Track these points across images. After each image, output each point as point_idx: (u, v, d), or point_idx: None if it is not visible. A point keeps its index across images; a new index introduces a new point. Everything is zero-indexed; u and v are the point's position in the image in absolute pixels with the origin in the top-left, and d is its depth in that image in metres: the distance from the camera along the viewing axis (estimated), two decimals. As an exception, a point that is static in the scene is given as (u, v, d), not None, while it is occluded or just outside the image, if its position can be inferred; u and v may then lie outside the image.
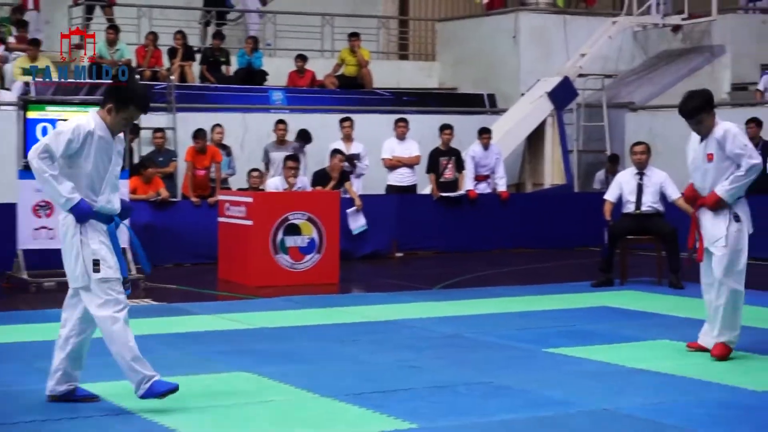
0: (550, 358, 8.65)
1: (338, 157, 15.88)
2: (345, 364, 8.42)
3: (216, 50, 19.55)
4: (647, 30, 21.53)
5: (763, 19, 21.48)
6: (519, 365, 8.36)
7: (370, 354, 8.86)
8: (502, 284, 13.41)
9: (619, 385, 7.62)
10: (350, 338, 9.63)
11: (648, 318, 10.51)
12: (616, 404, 6.96)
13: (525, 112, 19.12)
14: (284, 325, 10.29)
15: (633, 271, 13.24)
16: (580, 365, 8.35)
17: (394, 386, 7.56)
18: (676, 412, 6.80)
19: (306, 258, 13.55)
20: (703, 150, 8.31)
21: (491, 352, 8.93)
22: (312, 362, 8.43)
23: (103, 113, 6.89)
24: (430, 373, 8.03)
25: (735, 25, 21.07)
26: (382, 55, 22.70)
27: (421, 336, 9.68)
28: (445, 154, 17.13)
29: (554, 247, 17.09)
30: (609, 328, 10.03)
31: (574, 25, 21.10)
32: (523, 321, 10.61)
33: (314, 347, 9.14)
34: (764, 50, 20.32)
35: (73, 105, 13.29)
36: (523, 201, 18.29)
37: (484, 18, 21.79)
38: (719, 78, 19.92)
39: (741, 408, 6.95)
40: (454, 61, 22.33)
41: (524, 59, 20.67)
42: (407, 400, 7.11)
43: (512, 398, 7.20)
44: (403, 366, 8.30)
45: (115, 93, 6.99)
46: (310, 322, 10.45)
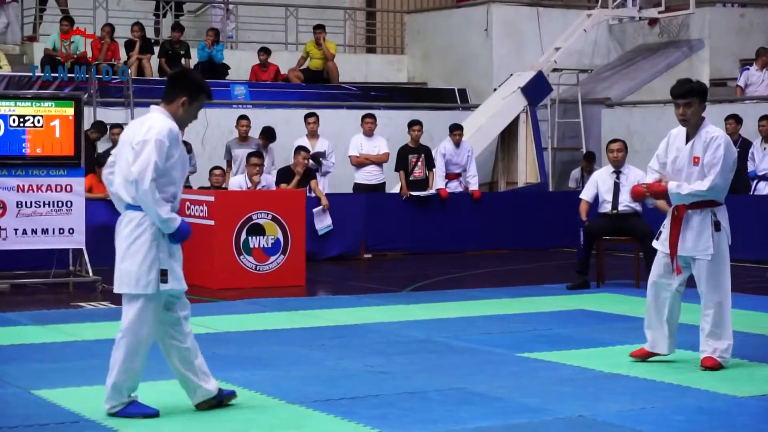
0: (525, 364, 8.66)
1: (303, 154, 15.85)
2: (312, 370, 8.39)
3: (175, 43, 19.55)
4: (623, 23, 21.68)
5: (742, 13, 21.68)
6: (492, 371, 8.35)
7: (338, 359, 8.84)
8: (475, 287, 13.44)
9: (595, 391, 7.62)
10: (317, 343, 9.63)
11: (626, 322, 10.51)
12: (593, 411, 6.97)
13: (497, 108, 19.16)
14: (248, 329, 10.30)
15: (610, 273, 13.36)
16: (556, 371, 8.36)
17: (363, 392, 7.55)
18: (654, 418, 6.83)
19: (270, 259, 13.54)
20: (689, 151, 8.24)
21: (463, 358, 8.94)
22: (278, 368, 8.40)
23: (173, 108, 6.77)
24: (401, 379, 8.03)
25: (713, 19, 21.22)
26: (349, 49, 22.75)
27: (391, 340, 9.68)
28: (415, 152, 17.13)
29: (528, 248, 17.19)
30: (585, 332, 10.10)
31: (548, 17, 21.20)
32: (496, 325, 10.61)
33: (280, 352, 9.13)
34: (743, 45, 20.48)
35: (26, 100, 13.18)
36: (496, 200, 18.35)
37: (454, 10, 21.86)
38: (697, 73, 19.96)
39: (720, 414, 6.99)
40: (424, 54, 22.38)
41: (497, 53, 20.75)
42: (377, 406, 7.11)
43: (485, 405, 7.19)
44: (372, 372, 8.30)
45: (189, 83, 6.89)
46: (276, 326, 10.48)
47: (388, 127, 17.59)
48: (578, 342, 9.53)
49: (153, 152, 6.49)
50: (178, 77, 7.10)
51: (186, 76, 7.12)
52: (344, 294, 13.21)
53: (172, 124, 6.68)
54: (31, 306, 11.62)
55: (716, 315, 8.19)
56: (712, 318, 8.20)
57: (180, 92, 6.78)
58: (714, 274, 8.21)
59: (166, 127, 6.61)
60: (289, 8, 22.00)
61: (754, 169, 16.06)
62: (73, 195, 12.97)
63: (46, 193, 12.83)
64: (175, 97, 6.77)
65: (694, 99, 8.18)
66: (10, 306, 11.72)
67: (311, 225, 15.18)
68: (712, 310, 8.18)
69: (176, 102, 6.75)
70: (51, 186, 12.86)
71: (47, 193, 12.83)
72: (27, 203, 12.74)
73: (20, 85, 16.51)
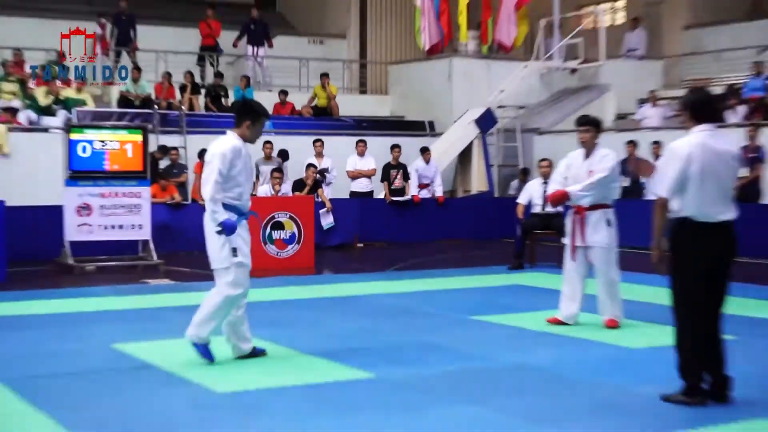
0: (477, 324, 8.74)
1: (312, 169, 15.94)
2: (319, 329, 8.46)
3: (217, 86, 19.45)
4: (551, 72, 21.62)
5: (639, 65, 21.76)
6: (452, 329, 8.43)
7: (338, 321, 8.90)
8: (439, 267, 13.42)
9: (528, 344, 7.72)
10: (322, 309, 9.67)
11: (551, 293, 10.36)
12: (527, 359, 7.08)
13: (457, 136, 19.16)
14: (272, 299, 10.28)
15: (539, 257, 13.36)
16: (499, 329, 8.44)
17: (356, 345, 7.65)
18: (571, 363, 6.94)
19: (288, 248, 13.57)
20: (587, 166, 8.29)
21: (431, 320, 8.98)
22: (294, 327, 8.47)
23: (241, 131, 6.76)
24: (384, 336, 8.12)
25: (618, 68, 21.21)
26: (347, 91, 22.67)
27: (377, 307, 9.73)
28: (395, 168, 17.18)
29: (479, 239, 17.12)
30: (521, 301, 10.13)
31: (495, 68, 21.11)
32: (455, 295, 10.65)
33: (295, 316, 9.19)
34: (640, 88, 20.46)
35: (106, 129, 13.27)
36: (456, 203, 18.31)
37: (425, 62, 21.82)
38: (606, 109, 20.05)
39: (620, 361, 7.10)
40: (402, 95, 22.29)
41: (456, 94, 20.63)
42: (367, 355, 7.20)
43: (448, 354, 7.30)
44: (363, 330, 8.38)
45: (250, 111, 6.84)
46: (292, 297, 10.50)
47: (375, 149, 17.59)
48: (516, 308, 9.56)
49: (217, 163, 6.54)
50: (242, 106, 7.05)
51: (247, 105, 7.04)
52: (342, 273, 13.28)
53: (236, 142, 6.68)
54: (111, 282, 11.65)
55: (610, 289, 8.25)
56: (607, 291, 8.25)
57: (244, 117, 6.78)
58: (607, 258, 8.24)
59: (230, 144, 6.65)
60: (302, 60, 21.99)
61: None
62: (141, 200, 12.99)
63: (122, 199, 12.82)
64: (242, 122, 6.77)
65: (591, 127, 8.32)
66: (96, 282, 11.73)
67: (318, 222, 15.18)
68: (607, 285, 8.22)
69: (243, 125, 6.76)
70: (125, 193, 12.85)
71: (122, 199, 12.82)
72: (107, 206, 12.74)
73: (101, 118, 16.57)
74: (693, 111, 5.81)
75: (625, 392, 6.09)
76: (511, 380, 6.44)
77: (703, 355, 5.70)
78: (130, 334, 8.02)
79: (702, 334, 5.71)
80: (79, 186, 12.71)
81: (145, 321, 8.85)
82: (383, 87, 23.27)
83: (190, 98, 18.86)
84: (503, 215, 16.55)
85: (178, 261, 13.57)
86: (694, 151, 5.62)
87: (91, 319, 8.92)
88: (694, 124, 5.76)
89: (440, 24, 21.34)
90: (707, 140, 5.67)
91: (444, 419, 5.45)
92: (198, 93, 19.32)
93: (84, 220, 12.71)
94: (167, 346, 7.50)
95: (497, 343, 7.74)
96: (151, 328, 8.42)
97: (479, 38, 21.90)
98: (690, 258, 5.67)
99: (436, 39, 21.30)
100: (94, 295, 10.53)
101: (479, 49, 21.87)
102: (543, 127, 19.97)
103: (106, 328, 8.37)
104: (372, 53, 24.17)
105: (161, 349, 7.38)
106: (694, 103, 5.86)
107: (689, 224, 5.65)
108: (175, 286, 11.47)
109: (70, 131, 12.87)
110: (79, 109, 16.84)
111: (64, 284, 11.50)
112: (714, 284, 5.70)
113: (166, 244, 14.00)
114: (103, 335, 8.00)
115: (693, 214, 5.64)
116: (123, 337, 7.89)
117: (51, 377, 6.51)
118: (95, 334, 8.07)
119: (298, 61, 22.02)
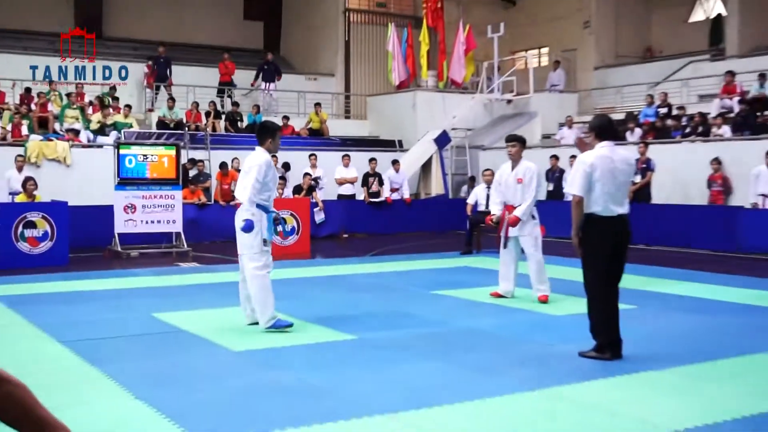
0: (435, 297, 8.71)
1: (308, 177, 15.92)
2: (313, 301, 8.40)
3: (234, 112, 19.39)
4: (492, 102, 21.70)
5: (560, 97, 21.84)
6: (416, 301, 8.39)
7: (327, 294, 8.86)
8: (407, 253, 13.43)
9: (476, 312, 7.70)
10: (316, 285, 9.61)
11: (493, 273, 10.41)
12: (474, 324, 7.06)
13: (420, 151, 19.15)
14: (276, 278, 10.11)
15: (484, 245, 13.35)
16: (453, 301, 8.42)
17: (341, 314, 7.61)
18: (509, 327, 6.93)
19: (289, 238, 13.55)
20: (514, 175, 8.26)
21: (400, 294, 8.96)
22: (293, 299, 8.37)
23: (266, 146, 6.73)
24: (365, 306, 8.08)
25: (543, 99, 21.29)
26: (335, 116, 22.68)
27: (358, 284, 9.67)
28: (373, 176, 17.13)
29: (437, 231, 17.14)
30: (470, 279, 10.10)
31: (449, 99, 21.15)
32: (420, 275, 10.62)
33: (294, 291, 9.09)
34: (560, 114, 20.55)
35: (147, 145, 13.18)
36: (419, 203, 18.26)
37: (395, 94, 21.83)
38: (534, 131, 20.18)
39: (546, 325, 7.10)
40: (378, 119, 22.28)
41: (419, 119, 20.64)
42: (350, 322, 7.17)
43: (413, 320, 7.28)
44: (347, 302, 8.34)
45: (269, 129, 6.77)
46: (291, 276, 10.41)
47: (357, 162, 17.54)
48: (466, 284, 9.54)
49: (255, 173, 6.55)
50: (261, 128, 6.93)
51: (265, 126, 6.93)
52: (332, 258, 13.15)
53: (268, 157, 6.70)
54: (150, 265, 11.58)
55: (539, 269, 8.21)
56: (537, 271, 8.22)
57: (266, 136, 6.75)
58: (534, 244, 8.20)
59: (264, 158, 6.66)
60: (300, 93, 21.95)
61: (566, 185, 16.27)
62: (175, 201, 12.91)
63: (159, 200, 12.75)
64: (265, 140, 6.74)
65: (517, 143, 8.28)
66: (138, 265, 11.70)
67: (313, 218, 15.13)
68: (536, 266, 8.20)
69: (266, 143, 6.74)
70: (162, 195, 12.77)
71: (160, 200, 12.75)
72: (148, 206, 12.68)
73: (144, 137, 16.48)
74: (597, 131, 5.88)
75: (550, 349, 6.09)
76: (463, 340, 6.42)
77: (607, 320, 5.73)
78: (165, 306, 7.98)
79: (606, 303, 5.75)
80: (126, 190, 12.65)
81: (178, 295, 8.80)
82: (363, 113, 23.29)
83: (213, 122, 18.74)
84: (455, 212, 16.61)
85: (203, 249, 13.60)
86: (596, 161, 5.70)
87: (134, 294, 8.87)
88: (598, 142, 5.83)
89: (407, 65, 21.47)
90: (607, 153, 5.74)
91: (413, 372, 5.43)
92: (219, 118, 19.21)
93: (130, 217, 12.66)
94: (195, 315, 7.48)
95: (452, 312, 7.74)
96: (182, 301, 8.37)
97: (437, 76, 21.94)
98: (596, 244, 5.69)
99: (403, 77, 21.43)
100: (138, 275, 10.51)
101: (437, 85, 21.87)
102: (486, 145, 20.00)
103: (147, 301, 8.32)
104: (354, 87, 24.21)
105: (190, 318, 7.34)
106: (598, 126, 5.92)
107: (595, 218, 5.70)
108: (201, 268, 11.42)
109: (120, 147, 12.79)
110: (126, 131, 16.76)
111: (114, 267, 11.47)
112: (614, 264, 5.74)
113: (194, 235, 14.00)
114: (145, 307, 7.95)
115: (597, 210, 5.68)
116: (160, 308, 7.86)
117: (103, 339, 6.47)
118: (138, 306, 8.02)
119: (297, 93, 22.01)
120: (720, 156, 14.52)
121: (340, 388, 4.94)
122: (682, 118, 16.98)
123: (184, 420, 4.29)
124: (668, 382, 5.12)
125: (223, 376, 5.29)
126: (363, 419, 4.32)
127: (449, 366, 5.54)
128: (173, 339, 6.47)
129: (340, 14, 23.97)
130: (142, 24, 23.89)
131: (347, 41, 24.08)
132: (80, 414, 4.40)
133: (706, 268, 10.98)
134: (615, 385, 5.06)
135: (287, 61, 25.42)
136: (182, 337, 6.52)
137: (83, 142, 16.15)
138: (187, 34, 24.45)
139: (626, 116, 18.61)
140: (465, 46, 21.44)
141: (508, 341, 6.38)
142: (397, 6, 24.98)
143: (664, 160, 15.04)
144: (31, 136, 15.45)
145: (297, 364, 5.59)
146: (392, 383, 5.07)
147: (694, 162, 15.12)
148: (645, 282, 9.53)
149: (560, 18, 24.62)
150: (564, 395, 4.80)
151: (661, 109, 17.82)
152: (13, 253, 11.29)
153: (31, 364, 5.61)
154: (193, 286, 9.46)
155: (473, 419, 4.35)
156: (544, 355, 5.86)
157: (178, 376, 5.30)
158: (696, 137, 15.83)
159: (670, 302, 8.21)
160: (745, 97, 16.62)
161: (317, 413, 4.40)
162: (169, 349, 6.09)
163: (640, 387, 5.01)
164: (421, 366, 5.56)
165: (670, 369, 5.43)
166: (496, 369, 5.45)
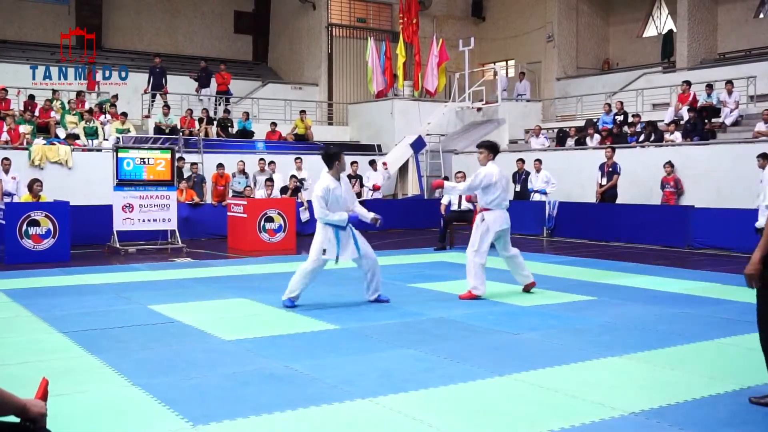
0: (412, 289, 8.69)
1: (294, 179, 15.84)
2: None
3: (225, 119, 19.32)
4: (463, 110, 21.80)
5: (525, 105, 21.94)
6: (395, 293, 8.33)
7: (314, 288, 8.63)
8: (386, 249, 13.35)
9: (449, 304, 7.68)
10: (302, 279, 9.61)
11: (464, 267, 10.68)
12: (448, 314, 7.06)
13: (397, 155, 19.17)
14: (265, 272, 10.26)
15: (456, 241, 13.37)
16: (428, 293, 8.41)
17: (327, 304, 7.60)
18: (479, 317, 6.92)
19: (277, 235, 13.49)
20: None
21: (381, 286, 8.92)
22: (281, 293, 8.21)
23: (334, 170, 7.25)
24: (346, 297, 8.06)
25: (510, 108, 21.37)
26: (319, 122, 22.68)
27: (342, 277, 9.61)
28: (355, 177, 17.15)
29: (414, 228, 17.20)
30: (444, 273, 10.09)
31: (424, 107, 21.20)
32: (397, 269, 10.58)
33: (282, 285, 8.89)
34: (527, 122, 20.73)
35: (144, 149, 13.08)
36: (397, 203, 18.37)
37: (374, 102, 21.87)
38: (502, 137, 20.24)
39: (513, 314, 7.09)
40: (359, 125, 22.31)
41: (396, 125, 20.70)
42: (334, 312, 7.16)
43: (391, 310, 7.27)
44: (331, 294, 8.30)
45: (333, 156, 7.23)
46: (279, 271, 10.37)
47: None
48: (441, 278, 9.53)
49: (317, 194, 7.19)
50: (327, 155, 7.32)
51: (330, 153, 7.32)
52: (316, 253, 13.31)
53: (328, 183, 7.18)
54: (147, 260, 11.51)
55: (517, 263, 8.20)
56: (516, 265, 8.20)
57: (333, 161, 7.20)
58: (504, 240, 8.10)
59: (323, 186, 7.20)
60: (286, 101, 21.90)
61: (531, 186, 16.32)
62: (170, 200, 12.84)
63: (155, 200, 12.69)
64: (333, 164, 7.21)
65: (484, 150, 8.11)
66: (136, 260, 11.63)
67: (298, 216, 15.03)
68: (514, 260, 8.17)
69: (335, 167, 7.21)
70: (158, 195, 12.72)
71: (156, 200, 12.69)
72: (145, 205, 12.62)
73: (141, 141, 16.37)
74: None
75: (517, 338, 6.09)
76: (437, 329, 6.41)
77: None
78: (161, 299, 7.91)
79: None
80: (124, 191, 12.56)
81: (173, 289, 8.73)
82: (345, 120, 23.29)
83: (205, 128, 18.66)
84: (430, 211, 16.66)
85: (196, 245, 13.57)
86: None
87: (132, 287, 8.79)
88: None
89: (385, 76, 21.46)
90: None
91: (391, 358, 5.40)
92: (211, 124, 19.12)
93: (127, 215, 12.60)
94: (189, 307, 7.42)
95: (427, 303, 7.73)
96: (177, 293, 8.31)
97: (412, 86, 22.01)
98: None
99: (382, 86, 21.44)
100: (135, 270, 10.42)
101: (413, 94, 21.95)
102: (458, 149, 20.05)
103: (144, 294, 8.25)
104: (336, 96, 24.21)
105: (184, 309, 7.29)
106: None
107: None
108: (194, 263, 11.34)
109: (118, 151, 12.70)
110: (124, 135, 16.60)
111: (113, 262, 11.39)
112: None
113: (187, 232, 13.91)
114: (142, 299, 7.89)
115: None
116: (156, 300, 7.79)
117: (102, 330, 6.39)
118: (135, 299, 7.95)
119: (283, 101, 21.95)
120: (672, 159, 14.66)
121: (323, 375, 4.92)
122: (636, 125, 17.13)
123: (178, 405, 4.25)
124: (625, 368, 5.14)
125: (214, 364, 5.24)
126: (345, 403, 4.30)
127: (424, 353, 5.53)
128: (168, 329, 6.41)
129: (324, 29, 23.96)
130: (139, 36, 23.71)
131: (330, 54, 24.08)
132: (80, 400, 4.35)
133: (659, 263, 11.06)
134: (576, 370, 5.08)
135: (274, 72, 25.43)
136: (177, 328, 6.46)
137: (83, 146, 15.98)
138: (181, 46, 24.32)
139: (586, 123, 18.78)
140: (438, 59, 21.52)
141: (478, 330, 6.38)
142: (376, 22, 25.01)
143: (623, 164, 15.14)
144: (34, 141, 15.29)
145: (284, 353, 5.56)
146: (372, 369, 5.06)
147: (649, 165, 15.25)
148: (603, 275, 9.58)
149: (526, 33, 24.76)
150: (529, 380, 4.80)
151: (617, 116, 17.95)
152: (18, 250, 11.19)
153: (35, 353, 5.55)
154: (186, 280, 9.38)
155: (446, 402, 4.35)
156: (511, 343, 5.85)
157: (173, 364, 5.25)
158: (649, 143, 15.96)
159: (626, 294, 8.24)
160: (695, 105, 16.79)
161: (302, 398, 4.38)
162: (164, 339, 6.03)
163: (599, 372, 5.03)
164: (398, 353, 5.54)
165: (626, 355, 5.46)
166: (466, 356, 5.44)
